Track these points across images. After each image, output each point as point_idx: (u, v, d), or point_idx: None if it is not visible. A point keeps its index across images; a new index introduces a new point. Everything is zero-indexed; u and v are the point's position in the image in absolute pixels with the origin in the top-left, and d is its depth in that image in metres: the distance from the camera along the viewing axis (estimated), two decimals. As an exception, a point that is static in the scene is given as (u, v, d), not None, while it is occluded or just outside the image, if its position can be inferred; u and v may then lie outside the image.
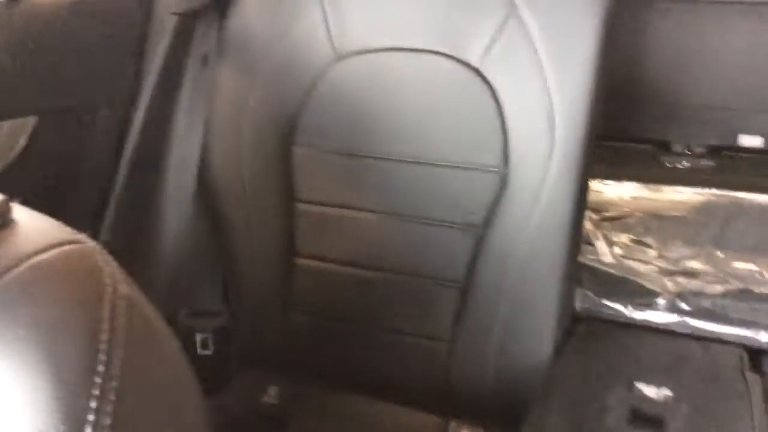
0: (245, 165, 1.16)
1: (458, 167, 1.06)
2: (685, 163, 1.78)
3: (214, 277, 1.23)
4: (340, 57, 1.08)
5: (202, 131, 1.17)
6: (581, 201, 1.05)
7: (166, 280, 1.20)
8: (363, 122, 1.10)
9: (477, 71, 1.02)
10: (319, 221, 1.16)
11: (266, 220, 1.18)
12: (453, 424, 1.13)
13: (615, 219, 1.45)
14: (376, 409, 1.18)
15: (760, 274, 1.22)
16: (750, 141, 1.76)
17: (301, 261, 1.18)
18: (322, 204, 1.15)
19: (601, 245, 1.34)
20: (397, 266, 1.13)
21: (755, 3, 1.56)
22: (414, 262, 1.12)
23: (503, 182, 1.04)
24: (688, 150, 1.83)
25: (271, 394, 1.23)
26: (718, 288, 1.19)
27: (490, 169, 1.04)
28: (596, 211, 1.49)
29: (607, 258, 1.30)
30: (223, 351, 1.24)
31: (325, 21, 1.08)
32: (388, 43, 1.06)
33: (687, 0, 1.56)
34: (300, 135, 1.13)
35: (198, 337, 1.22)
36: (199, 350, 1.22)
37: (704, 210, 1.47)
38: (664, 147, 1.86)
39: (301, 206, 1.16)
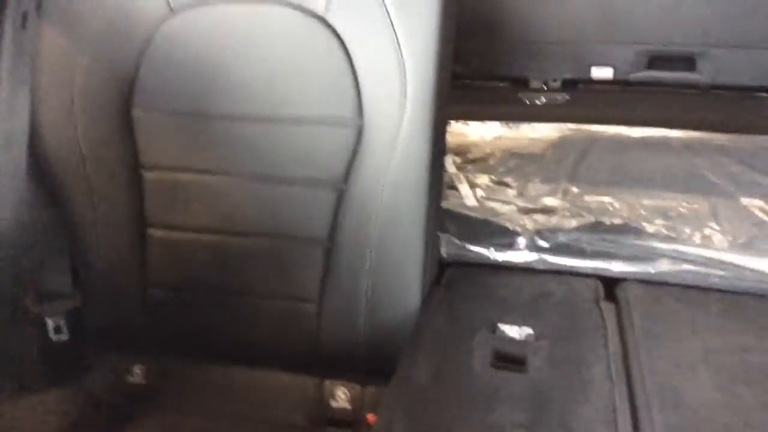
0: (81, 133, 1.07)
1: (311, 122, 1.02)
2: (543, 99, 1.82)
3: (60, 257, 1.14)
4: (175, 10, 1.00)
5: (29, 100, 1.06)
6: (439, 146, 1.04)
7: (6, 264, 1.10)
8: (205, 80, 1.03)
9: (322, 20, 0.97)
10: (169, 188, 1.09)
11: (111, 192, 1.10)
12: (327, 384, 1.12)
13: (477, 161, 1.47)
14: (247, 377, 1.15)
15: (611, 204, 1.27)
16: (601, 73, 1.82)
17: (153, 232, 1.12)
18: (170, 169, 1.08)
19: (464, 189, 1.35)
20: (256, 229, 1.09)
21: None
22: (274, 223, 1.08)
23: (359, 134, 1.01)
24: (545, 85, 1.88)
25: (137, 374, 1.17)
26: (573, 222, 1.23)
27: (345, 121, 1.01)
28: (459, 154, 1.50)
29: (470, 201, 1.31)
30: (79, 335, 1.16)
31: None
32: None
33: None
34: (138, 97, 1.05)
35: (50, 323, 1.14)
36: (53, 336, 1.14)
37: (560, 145, 1.52)
38: (522, 83, 1.90)
39: (148, 173, 1.09)
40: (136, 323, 1.17)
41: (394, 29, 0.95)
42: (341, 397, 1.12)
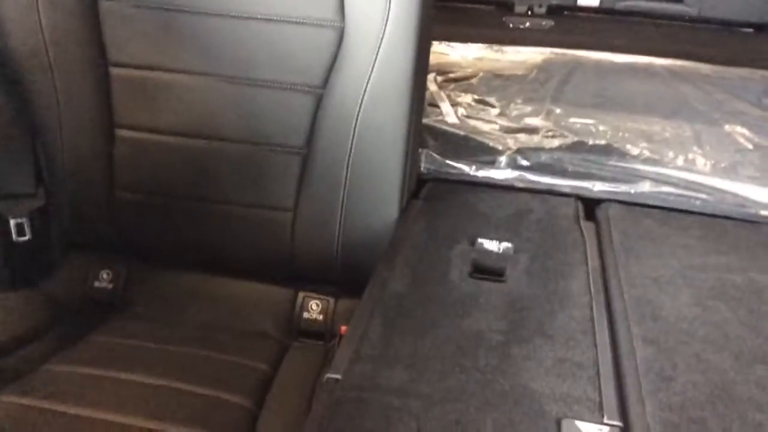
0: (45, 26, 1.00)
1: (291, 22, 0.97)
2: (527, 24, 1.78)
3: (23, 155, 1.09)
4: None
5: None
6: (422, 61, 1.00)
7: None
8: None
9: None
10: (138, 87, 1.03)
11: (77, 89, 1.04)
12: (301, 295, 1.10)
13: (459, 80, 1.43)
14: (218, 285, 1.12)
15: (595, 126, 1.25)
16: (587, 0, 1.79)
17: (122, 132, 1.07)
18: (140, 67, 1.02)
19: (445, 106, 1.32)
20: (231, 134, 1.04)
21: None
22: (249, 128, 1.04)
23: (340, 38, 0.96)
24: (530, 10, 1.84)
25: (104, 278, 1.14)
26: (556, 142, 1.21)
27: (325, 22, 0.96)
28: (441, 72, 1.46)
29: (451, 118, 1.28)
30: (42, 236, 1.12)
31: None
32: None
33: None
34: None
35: (12, 223, 1.09)
36: (14, 237, 1.09)
37: (544, 68, 1.48)
38: (508, 8, 1.85)
39: (116, 70, 1.03)
40: (102, 226, 1.12)
41: None
42: (314, 308, 1.10)
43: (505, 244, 0.98)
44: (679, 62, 1.50)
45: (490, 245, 0.98)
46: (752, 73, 1.46)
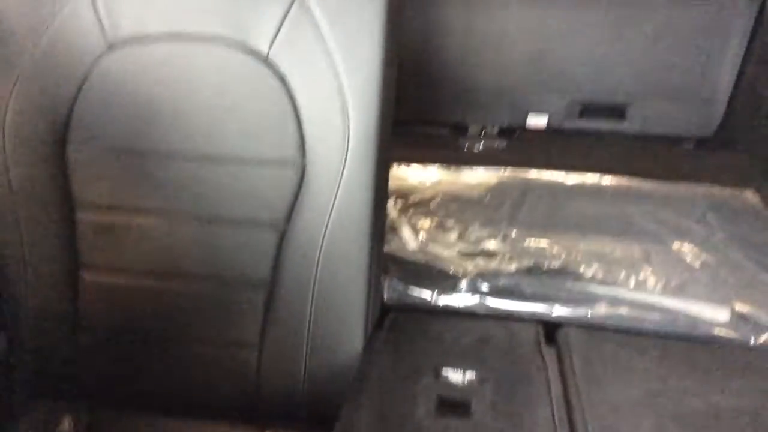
0: (12, 172, 1.02)
1: (253, 162, 1.00)
2: (481, 145, 1.86)
3: (-16, 301, 1.08)
4: (114, 45, 0.98)
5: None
6: (381, 189, 1.04)
7: None
8: (144, 117, 1.00)
9: (266, 60, 0.97)
10: (104, 228, 1.05)
11: (42, 232, 1.05)
12: None
13: (418, 204, 1.48)
14: (184, 428, 1.10)
15: (549, 248, 1.30)
16: (537, 121, 1.88)
17: (86, 275, 1.07)
18: (106, 209, 1.04)
19: (406, 232, 1.36)
20: (194, 272, 1.06)
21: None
22: (213, 265, 1.05)
23: (301, 175, 1.00)
24: (483, 132, 1.92)
25: (65, 425, 1.11)
26: (513, 266, 1.24)
27: (287, 161, 1.00)
28: (401, 197, 1.51)
29: (412, 245, 1.32)
30: (4, 383, 1.09)
31: (94, 6, 0.98)
32: (166, 29, 0.98)
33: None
34: (74, 134, 1.01)
35: (-28, 370, 1.07)
36: (-26, 385, 1.07)
37: (499, 190, 1.55)
38: (461, 130, 1.94)
39: (82, 213, 1.05)
40: (65, 371, 1.11)
41: (337, 72, 0.95)
42: (281, 446, 1.08)
43: (470, 374, 1.00)
44: (625, 180, 1.57)
45: (455, 376, 1.00)
46: (695, 189, 1.54)
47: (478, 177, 1.62)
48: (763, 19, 1.60)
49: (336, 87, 0.95)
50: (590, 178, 1.59)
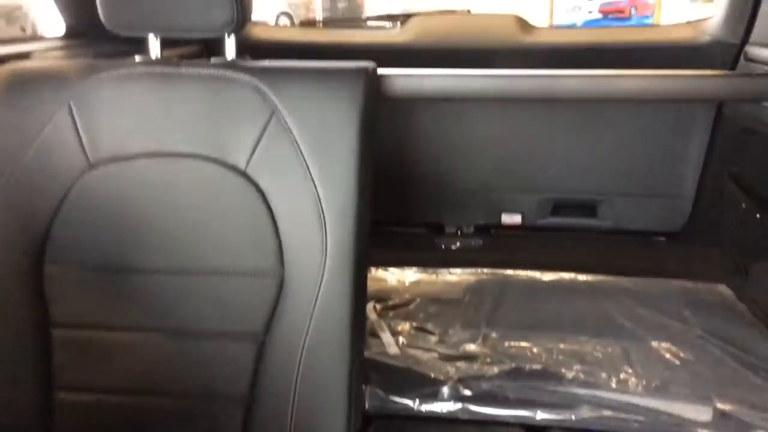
0: None
1: (231, 274, 1.01)
2: (458, 244, 1.89)
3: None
4: (94, 165, 1.00)
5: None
6: (360, 294, 1.04)
7: None
8: (122, 233, 1.01)
9: (244, 174, 0.99)
10: (81, 347, 1.03)
11: (15, 351, 1.03)
12: None
13: (398, 307, 1.48)
14: None
15: (530, 350, 1.30)
16: (511, 219, 1.92)
17: (63, 396, 1.04)
18: (82, 327, 1.03)
19: (386, 336, 1.35)
20: (174, 388, 1.03)
21: (506, 100, 1.71)
22: (192, 381, 1.03)
23: (280, 285, 1.00)
24: (459, 231, 1.95)
25: None
26: (495, 369, 1.24)
27: (266, 273, 1.00)
28: (380, 300, 1.52)
29: (393, 349, 1.31)
30: None
31: (75, 127, 1.00)
32: (147, 149, 1.00)
33: (448, 99, 1.67)
34: (51, 251, 1.01)
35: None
36: None
37: (477, 290, 1.56)
38: (438, 229, 1.97)
39: (59, 331, 1.03)
40: None
41: (314, 183, 0.97)
42: None
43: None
44: (600, 277, 1.60)
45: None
46: (670, 285, 1.56)
47: (457, 276, 1.64)
48: (721, 119, 1.68)
49: (313, 198, 0.97)
50: (567, 275, 1.61)
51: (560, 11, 6.29)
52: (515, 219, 1.91)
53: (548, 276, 1.61)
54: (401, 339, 1.35)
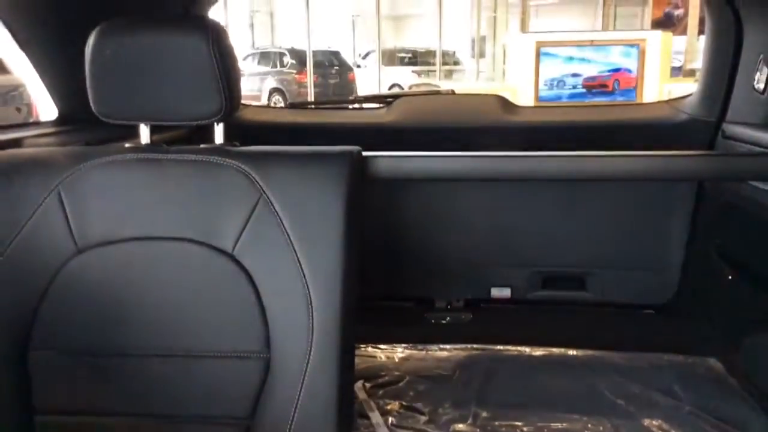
0: None
1: (218, 357, 1.00)
2: (448, 319, 1.88)
3: None
4: (82, 249, 1.00)
5: None
6: (347, 374, 1.04)
7: None
8: (108, 318, 1.01)
9: (231, 257, 1.00)
10: None
11: None
12: None
13: (387, 385, 1.47)
14: None
15: (521, 430, 1.28)
16: (500, 293, 1.92)
17: None
18: (67, 413, 1.01)
19: (375, 417, 1.34)
20: None
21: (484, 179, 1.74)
22: None
23: (266, 368, 0.99)
24: (449, 305, 1.95)
25: None
26: (486, 450, 1.22)
27: (252, 355, 0.99)
28: (369, 378, 1.50)
29: (382, 430, 1.29)
30: None
31: (64, 212, 1.01)
32: (135, 233, 1.01)
33: (432, 179, 1.69)
34: (37, 336, 1.00)
35: None
36: None
37: (467, 366, 1.55)
38: (428, 303, 1.97)
39: (42, 418, 1.02)
40: None
41: (300, 266, 0.98)
42: None
43: None
44: (590, 352, 1.59)
45: None
46: (660, 359, 1.56)
47: (447, 353, 1.63)
48: (703, 194, 1.72)
49: (299, 281, 0.98)
50: (556, 352, 1.60)
51: (545, 86, 6.44)
52: (505, 293, 1.92)
53: (538, 351, 1.61)
54: (390, 419, 1.33)
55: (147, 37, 1.03)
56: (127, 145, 1.08)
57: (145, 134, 1.07)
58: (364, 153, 1.16)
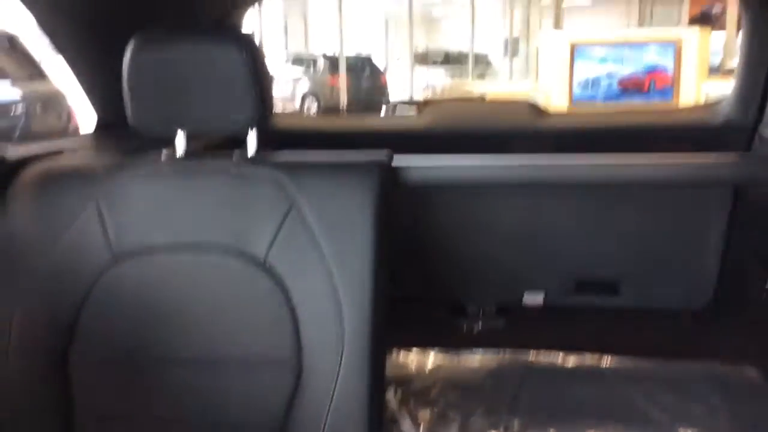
0: (14, 384, 1.03)
1: (251, 364, 1.02)
2: (480, 325, 1.88)
3: None
4: (119, 258, 1.03)
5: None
6: (379, 381, 1.04)
7: None
8: (145, 326, 1.03)
9: (263, 264, 1.01)
10: None
11: None
12: None
13: (419, 394, 1.47)
14: None
15: (554, 440, 1.28)
16: (533, 297, 1.91)
17: None
18: (106, 419, 1.04)
19: (406, 424, 1.34)
20: None
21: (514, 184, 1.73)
22: None
23: (298, 373, 1.01)
24: (481, 311, 1.94)
25: None
26: (518, 460, 1.22)
27: (284, 363, 1.01)
28: (401, 385, 1.51)
29: (414, 438, 1.30)
30: None
31: (102, 222, 1.04)
32: (169, 240, 1.03)
33: (460, 186, 1.68)
34: (76, 345, 1.03)
35: None
36: None
37: (499, 375, 1.54)
38: (460, 309, 1.96)
39: (81, 423, 1.04)
40: None
41: (331, 275, 0.99)
42: None
43: None
44: (624, 360, 1.57)
45: None
46: (695, 367, 1.53)
47: (478, 360, 1.62)
48: (739, 197, 1.68)
49: (330, 289, 0.99)
50: (589, 359, 1.59)
51: (579, 86, 6.35)
52: (538, 298, 1.90)
53: (571, 359, 1.59)
54: (422, 426, 1.33)
55: (182, 49, 1.05)
56: (164, 153, 1.10)
57: (180, 143, 1.09)
58: (395, 157, 1.16)
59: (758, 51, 1.54)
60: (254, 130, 1.08)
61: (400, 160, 1.35)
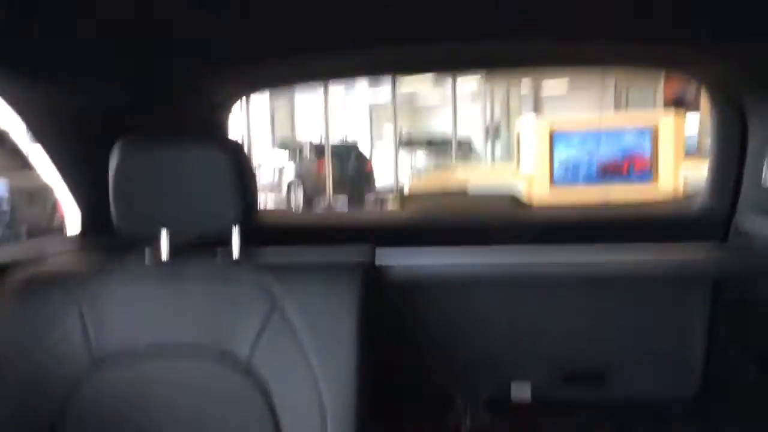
0: None
1: None
2: (468, 422, 1.84)
3: None
4: (99, 364, 1.02)
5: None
6: None
7: None
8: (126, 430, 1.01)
9: (246, 369, 1.01)
10: None
11: None
12: None
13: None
14: None
15: None
16: (521, 389, 1.89)
17: None
18: None
19: None
20: None
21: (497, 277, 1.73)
22: None
23: None
24: (468, 407, 1.91)
25: None
26: None
27: None
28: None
29: None
30: None
31: (83, 325, 1.04)
32: (151, 342, 1.03)
33: (445, 281, 1.69)
34: None
35: None
36: None
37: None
38: (447, 404, 1.93)
39: None
40: None
41: (315, 378, 0.99)
42: None
43: None
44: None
45: None
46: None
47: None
48: (719, 289, 1.69)
49: (314, 391, 0.98)
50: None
51: (560, 170, 6.47)
52: (526, 391, 1.88)
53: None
54: None
55: (166, 154, 1.08)
56: (147, 254, 1.12)
57: (164, 243, 1.10)
58: (379, 252, 1.18)
59: (728, 144, 1.60)
60: (237, 228, 1.10)
61: (384, 255, 1.36)
